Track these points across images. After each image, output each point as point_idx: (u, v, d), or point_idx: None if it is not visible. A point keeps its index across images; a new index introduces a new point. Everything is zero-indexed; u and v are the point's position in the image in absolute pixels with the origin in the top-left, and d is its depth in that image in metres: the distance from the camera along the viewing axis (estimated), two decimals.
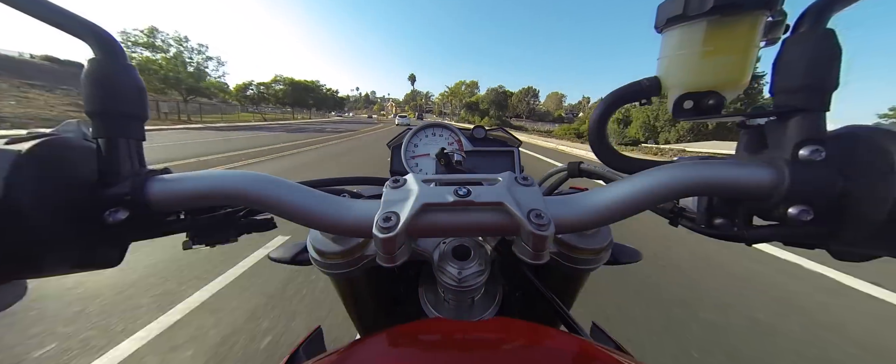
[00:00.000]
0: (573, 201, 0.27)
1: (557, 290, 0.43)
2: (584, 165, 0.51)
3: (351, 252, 0.37)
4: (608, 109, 0.32)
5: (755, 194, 0.26)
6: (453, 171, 0.51)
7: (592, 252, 0.40)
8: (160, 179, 0.26)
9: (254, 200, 0.27)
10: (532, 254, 0.25)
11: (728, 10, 0.25)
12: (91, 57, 0.24)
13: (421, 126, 0.76)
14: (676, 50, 0.28)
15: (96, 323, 1.65)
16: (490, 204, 0.26)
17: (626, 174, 0.32)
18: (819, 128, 0.24)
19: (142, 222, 0.26)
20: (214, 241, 0.35)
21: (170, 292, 1.95)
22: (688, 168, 0.26)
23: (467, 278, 0.35)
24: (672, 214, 0.35)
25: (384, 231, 0.24)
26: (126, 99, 0.25)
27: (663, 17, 0.28)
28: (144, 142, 0.28)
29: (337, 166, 7.32)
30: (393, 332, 0.30)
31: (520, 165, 0.76)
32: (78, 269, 0.26)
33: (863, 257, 0.26)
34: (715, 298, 2.14)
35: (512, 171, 0.30)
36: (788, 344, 1.75)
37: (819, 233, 0.25)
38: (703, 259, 2.74)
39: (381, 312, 0.49)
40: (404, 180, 0.29)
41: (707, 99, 0.27)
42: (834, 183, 0.24)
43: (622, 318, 1.89)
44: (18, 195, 0.21)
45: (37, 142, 0.23)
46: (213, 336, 1.60)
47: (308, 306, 1.86)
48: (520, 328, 0.30)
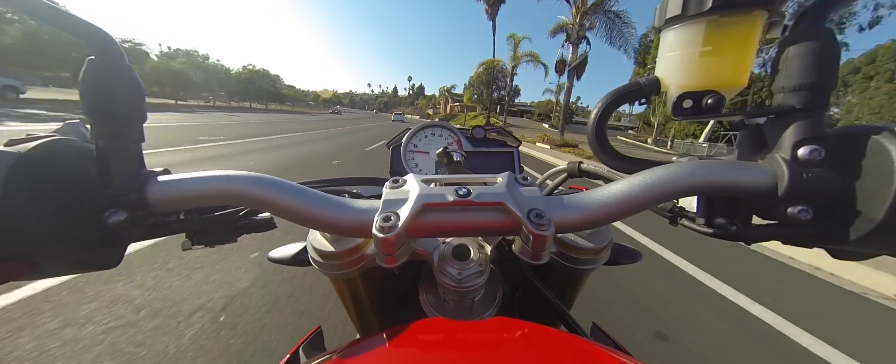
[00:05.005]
0: (573, 201, 0.27)
1: (557, 290, 0.43)
2: (584, 165, 0.51)
3: (351, 252, 0.37)
4: (607, 109, 0.32)
5: (754, 194, 0.26)
6: (454, 171, 0.51)
7: (592, 252, 0.40)
8: (159, 180, 0.26)
9: (253, 201, 0.27)
10: (532, 254, 0.25)
11: (727, 9, 0.25)
12: (90, 57, 0.24)
13: (421, 126, 0.76)
14: (676, 49, 0.28)
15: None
16: (490, 204, 0.26)
17: (625, 174, 0.32)
18: (818, 127, 0.24)
19: (141, 223, 0.26)
20: (214, 241, 0.35)
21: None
22: (687, 168, 0.26)
23: (467, 279, 0.35)
24: (671, 214, 0.35)
25: (384, 231, 0.24)
26: (125, 100, 0.25)
27: (662, 17, 0.28)
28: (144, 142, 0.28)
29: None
30: (392, 332, 0.30)
31: (520, 165, 0.76)
32: (77, 269, 0.26)
33: (862, 256, 0.26)
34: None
35: (512, 171, 0.30)
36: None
37: (818, 232, 0.26)
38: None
39: (381, 313, 0.49)
40: (404, 180, 0.29)
41: (706, 98, 0.27)
42: (833, 182, 0.24)
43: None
44: (18, 196, 0.21)
45: (36, 143, 0.23)
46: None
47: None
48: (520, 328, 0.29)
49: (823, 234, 0.26)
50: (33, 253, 0.23)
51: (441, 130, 0.76)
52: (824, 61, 0.23)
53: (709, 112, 0.27)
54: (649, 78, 0.31)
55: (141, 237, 0.27)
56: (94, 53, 0.24)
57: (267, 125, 16.21)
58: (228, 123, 15.06)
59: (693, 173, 0.26)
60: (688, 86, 0.28)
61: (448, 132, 0.76)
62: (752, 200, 0.27)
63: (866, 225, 0.23)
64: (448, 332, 0.31)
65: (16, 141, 0.23)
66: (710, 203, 0.30)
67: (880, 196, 0.22)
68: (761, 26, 0.25)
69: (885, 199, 0.21)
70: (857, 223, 0.23)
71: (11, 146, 0.22)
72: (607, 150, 0.33)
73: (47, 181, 0.23)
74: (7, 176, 0.20)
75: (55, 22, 0.22)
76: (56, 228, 0.23)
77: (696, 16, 0.26)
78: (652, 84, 0.30)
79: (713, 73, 0.27)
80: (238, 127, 13.55)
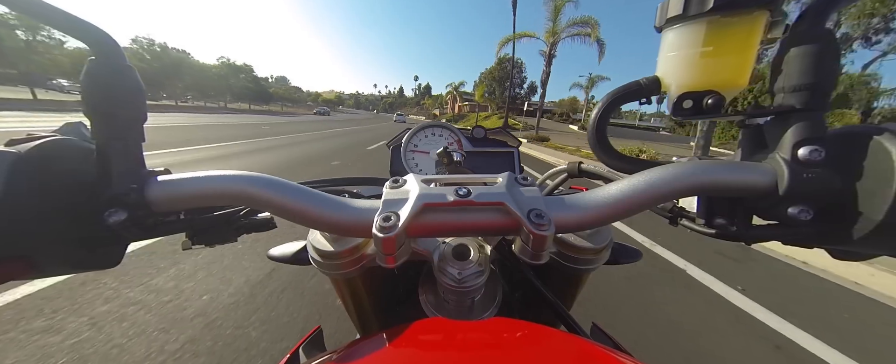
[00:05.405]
0: (573, 201, 0.27)
1: (557, 291, 0.43)
2: (584, 165, 0.51)
3: (351, 252, 0.37)
4: (607, 109, 0.32)
5: (755, 194, 0.26)
6: (454, 171, 0.51)
7: (592, 252, 0.40)
8: (159, 180, 0.26)
9: (254, 200, 0.27)
10: (532, 254, 0.25)
11: (728, 9, 0.25)
12: (91, 58, 0.24)
13: (421, 126, 0.76)
14: (676, 49, 0.28)
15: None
16: (490, 204, 0.26)
17: (625, 174, 0.32)
18: (818, 127, 0.24)
19: (141, 222, 0.26)
20: (214, 241, 0.35)
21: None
22: (687, 168, 0.26)
23: (467, 279, 0.35)
24: (671, 214, 0.35)
25: (384, 231, 0.24)
26: (125, 100, 0.25)
27: (663, 17, 0.28)
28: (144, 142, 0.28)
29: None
30: (392, 332, 0.30)
31: (520, 165, 0.76)
32: (78, 269, 0.26)
33: (862, 256, 0.26)
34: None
35: (512, 171, 0.30)
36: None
37: (818, 232, 0.25)
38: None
39: (381, 313, 0.49)
40: (404, 180, 0.29)
41: (707, 98, 0.27)
42: (833, 182, 0.24)
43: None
44: (18, 196, 0.21)
45: (36, 143, 0.23)
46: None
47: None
48: (520, 328, 0.29)
49: (823, 235, 0.26)
50: (33, 252, 0.23)
51: (441, 130, 0.76)
52: (824, 62, 0.23)
53: (709, 112, 0.27)
54: (649, 78, 0.31)
55: (141, 237, 0.27)
56: (95, 54, 0.24)
57: (231, 129, 13.76)
58: (186, 125, 13.00)
59: (693, 173, 0.26)
60: (688, 86, 0.28)
61: (448, 132, 0.76)
62: (753, 200, 0.27)
63: (866, 225, 0.23)
64: (448, 332, 0.31)
65: (16, 141, 0.23)
66: (711, 203, 0.30)
67: (881, 196, 0.22)
68: (762, 26, 0.25)
69: (886, 199, 0.21)
70: (857, 223, 0.23)
71: (11, 146, 0.22)
72: (607, 150, 0.33)
73: (47, 181, 0.23)
74: (7, 176, 0.20)
75: (56, 23, 0.22)
76: (56, 228, 0.23)
77: (697, 15, 0.26)
78: (652, 84, 0.30)
79: (714, 74, 0.27)
80: (189, 131, 11.24)
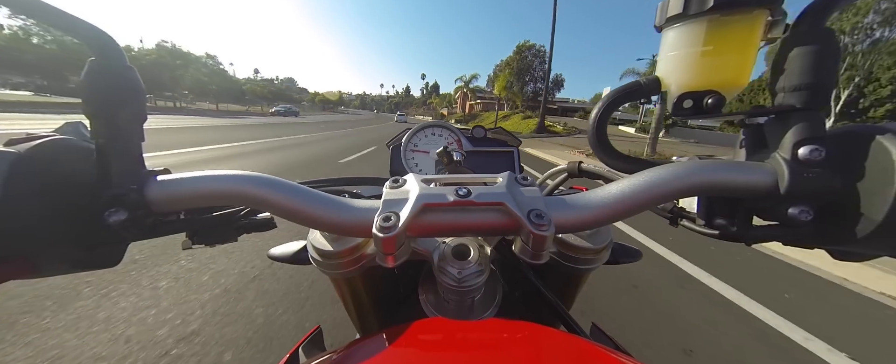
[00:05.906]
0: (573, 201, 0.27)
1: (557, 290, 0.43)
2: (584, 165, 0.51)
3: (351, 252, 0.37)
4: (607, 109, 0.32)
5: (755, 194, 0.26)
6: (454, 171, 0.51)
7: (592, 252, 0.40)
8: (159, 179, 0.26)
9: (254, 200, 0.27)
10: (532, 254, 0.25)
11: (729, 8, 0.25)
12: (91, 58, 0.24)
13: (421, 126, 0.76)
14: (676, 49, 0.28)
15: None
16: (490, 204, 0.26)
17: (626, 174, 0.32)
18: (818, 127, 0.24)
19: (141, 222, 0.26)
20: (214, 240, 0.35)
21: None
22: (687, 168, 0.26)
23: (467, 278, 0.35)
24: (671, 214, 0.35)
25: (384, 231, 0.24)
26: (125, 100, 0.25)
27: (663, 16, 0.28)
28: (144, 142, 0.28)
29: None
30: (392, 332, 0.30)
31: (520, 165, 0.76)
32: (78, 268, 0.27)
33: (862, 257, 0.26)
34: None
35: (512, 171, 0.30)
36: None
37: (818, 233, 0.25)
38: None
39: (381, 313, 0.49)
40: (404, 180, 0.29)
41: (707, 98, 0.27)
42: (833, 182, 0.24)
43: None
44: (18, 196, 0.21)
45: (36, 143, 0.23)
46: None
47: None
48: (519, 328, 0.29)
49: (824, 235, 0.26)
50: (33, 252, 0.23)
51: (441, 130, 0.76)
52: (824, 61, 0.23)
53: (709, 112, 0.27)
54: (650, 78, 0.31)
55: (141, 236, 0.27)
56: (95, 54, 0.24)
57: (177, 134, 10.48)
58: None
59: (693, 173, 0.26)
60: (688, 85, 0.28)
61: (448, 132, 0.76)
62: (753, 200, 0.27)
63: (867, 226, 0.23)
64: (448, 331, 0.31)
65: (16, 140, 0.23)
66: (711, 203, 0.30)
67: (881, 196, 0.22)
68: (762, 25, 0.25)
69: (886, 199, 0.21)
70: (857, 224, 0.23)
71: (11, 146, 0.22)
72: (607, 149, 0.33)
73: (47, 181, 0.23)
74: (7, 176, 0.20)
75: (56, 23, 0.22)
76: (56, 228, 0.23)
77: (697, 15, 0.25)
78: (652, 84, 0.30)
79: (714, 73, 0.27)
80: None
